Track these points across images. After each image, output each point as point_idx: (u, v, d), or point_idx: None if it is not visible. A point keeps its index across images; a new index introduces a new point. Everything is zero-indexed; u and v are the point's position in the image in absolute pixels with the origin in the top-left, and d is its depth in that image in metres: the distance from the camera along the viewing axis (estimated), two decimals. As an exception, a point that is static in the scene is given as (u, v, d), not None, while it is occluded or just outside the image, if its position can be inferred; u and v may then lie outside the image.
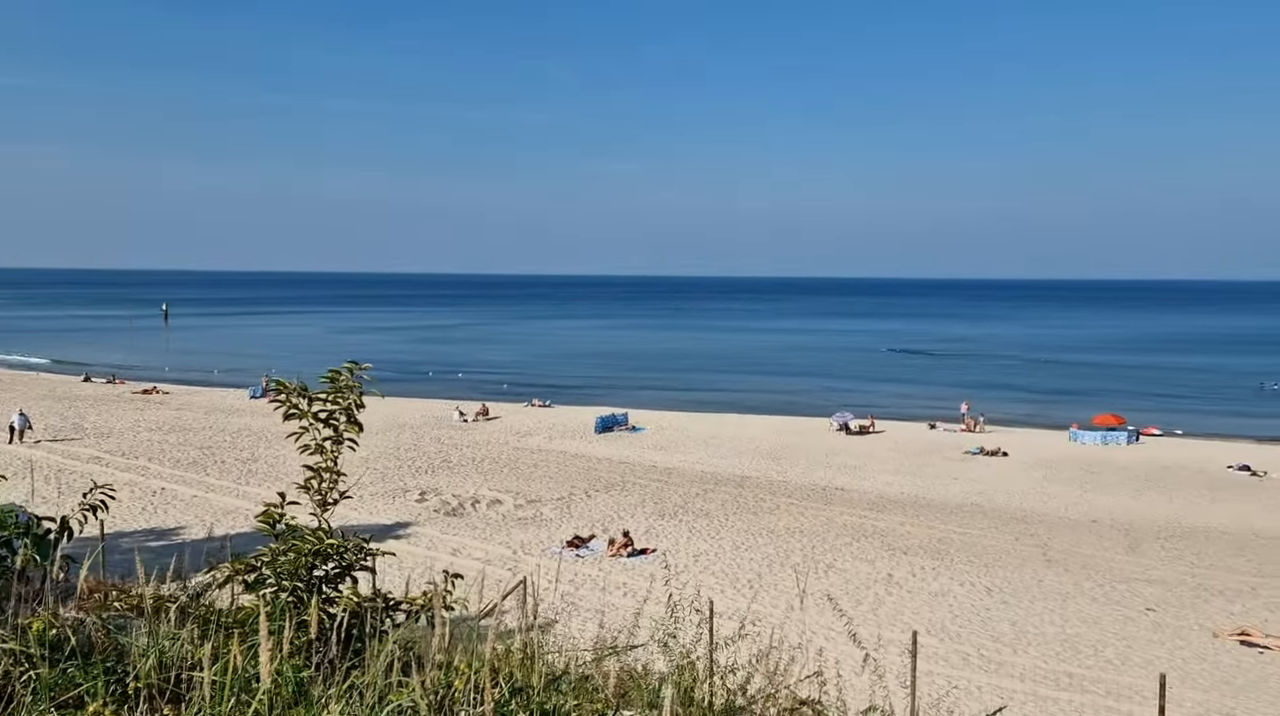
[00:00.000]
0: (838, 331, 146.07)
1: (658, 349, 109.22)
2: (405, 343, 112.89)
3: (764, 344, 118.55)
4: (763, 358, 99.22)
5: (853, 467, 39.25)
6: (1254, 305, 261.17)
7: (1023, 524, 30.04)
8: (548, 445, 43.05)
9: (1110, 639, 19.47)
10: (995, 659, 18.11)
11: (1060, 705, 15.95)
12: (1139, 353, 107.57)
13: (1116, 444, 46.40)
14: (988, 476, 38.02)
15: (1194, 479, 38.21)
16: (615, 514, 29.74)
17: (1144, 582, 23.75)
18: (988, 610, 21.15)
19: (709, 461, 39.95)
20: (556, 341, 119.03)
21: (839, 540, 27.18)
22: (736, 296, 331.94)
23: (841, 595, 21.74)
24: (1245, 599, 22.56)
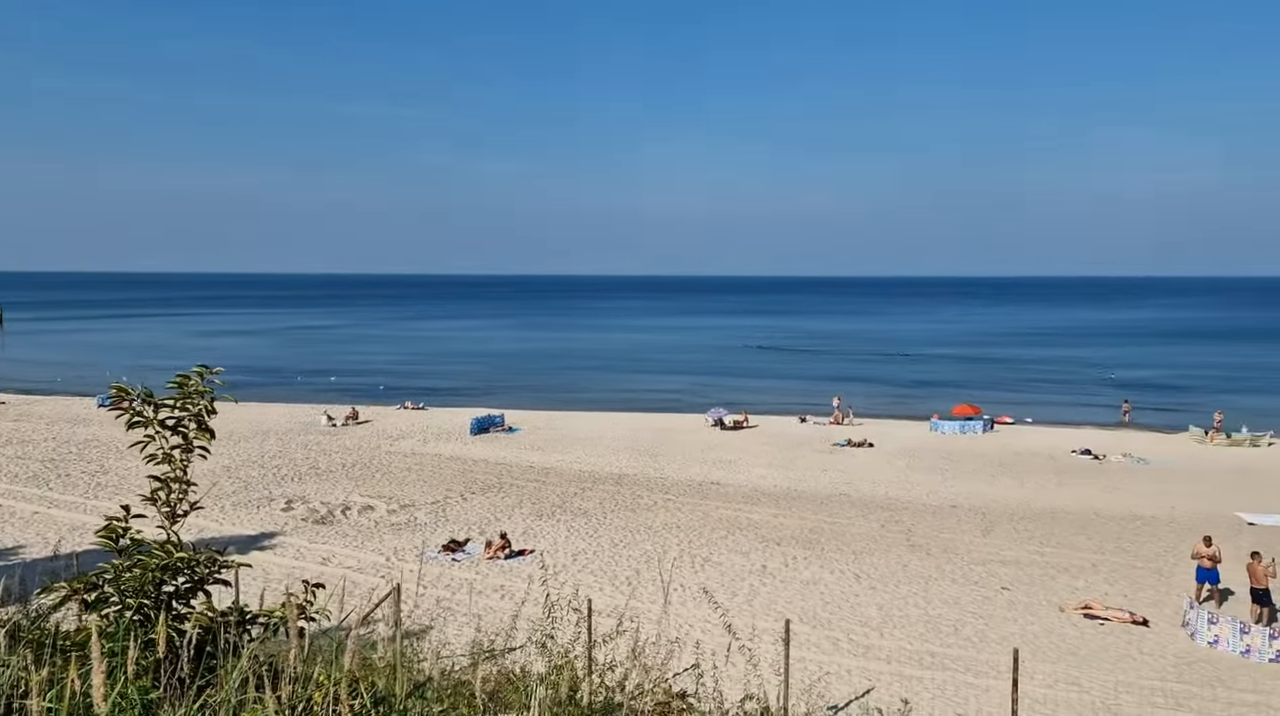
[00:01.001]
0: (712, 328, 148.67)
1: (535, 348, 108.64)
2: (272, 345, 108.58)
3: (640, 342, 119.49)
4: (639, 356, 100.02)
5: (728, 462, 40.00)
6: (1106, 300, 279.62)
7: (888, 511, 31.27)
8: (421, 448, 42.19)
9: (969, 618, 20.49)
10: (864, 642, 18.79)
11: (924, 683, 16.69)
12: (996, 345, 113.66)
13: (973, 433, 48.87)
14: (855, 467, 39.41)
15: (1043, 464, 40.60)
16: (492, 516, 29.41)
17: (999, 563, 25.09)
18: (856, 596, 21.93)
19: (587, 460, 39.98)
20: (434, 342, 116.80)
21: (715, 534, 27.66)
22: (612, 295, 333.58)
23: (718, 587, 22.13)
24: (1088, 574, 24.13)
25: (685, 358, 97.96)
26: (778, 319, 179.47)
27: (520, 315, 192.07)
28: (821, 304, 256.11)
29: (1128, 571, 24.50)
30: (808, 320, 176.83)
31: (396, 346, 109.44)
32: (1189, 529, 28.45)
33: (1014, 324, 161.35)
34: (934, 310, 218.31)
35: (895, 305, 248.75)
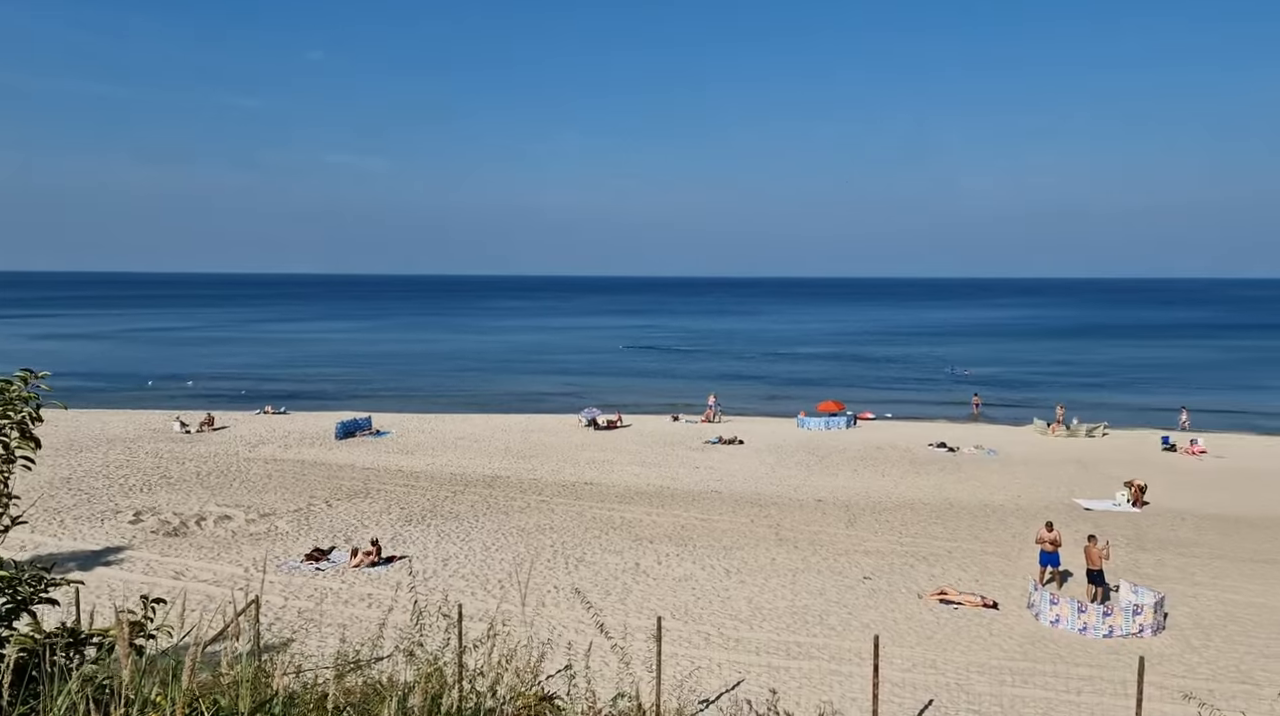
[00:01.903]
0: (589, 329, 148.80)
1: (406, 350, 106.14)
2: (118, 348, 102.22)
3: (515, 343, 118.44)
4: (514, 357, 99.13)
5: (601, 462, 40.08)
6: (950, 301, 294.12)
7: (758, 507, 31.99)
8: (283, 454, 40.56)
9: (834, 607, 21.17)
10: (734, 636, 19.15)
11: (791, 673, 17.14)
12: (859, 344, 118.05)
13: (838, 428, 50.60)
14: (726, 464, 40.16)
15: (901, 457, 42.38)
16: (359, 522, 28.55)
17: (861, 554, 26.03)
18: (727, 590, 22.34)
19: (458, 463, 39.31)
20: (298, 344, 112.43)
21: (588, 534, 27.66)
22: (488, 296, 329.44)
23: (591, 587, 22.13)
24: (943, 562, 25.32)
25: (560, 358, 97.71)
26: (655, 318, 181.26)
27: (391, 316, 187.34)
28: (697, 304, 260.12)
29: (979, 557, 25.84)
30: (684, 319, 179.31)
31: (258, 348, 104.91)
32: (1034, 516, 30.24)
33: (875, 323, 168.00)
34: (802, 310, 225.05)
35: (767, 305, 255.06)
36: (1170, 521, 30.68)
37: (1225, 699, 15.80)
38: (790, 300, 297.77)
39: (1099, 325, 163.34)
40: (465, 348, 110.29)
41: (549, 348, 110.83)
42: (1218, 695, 16.06)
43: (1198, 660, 18.28)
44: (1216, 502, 33.58)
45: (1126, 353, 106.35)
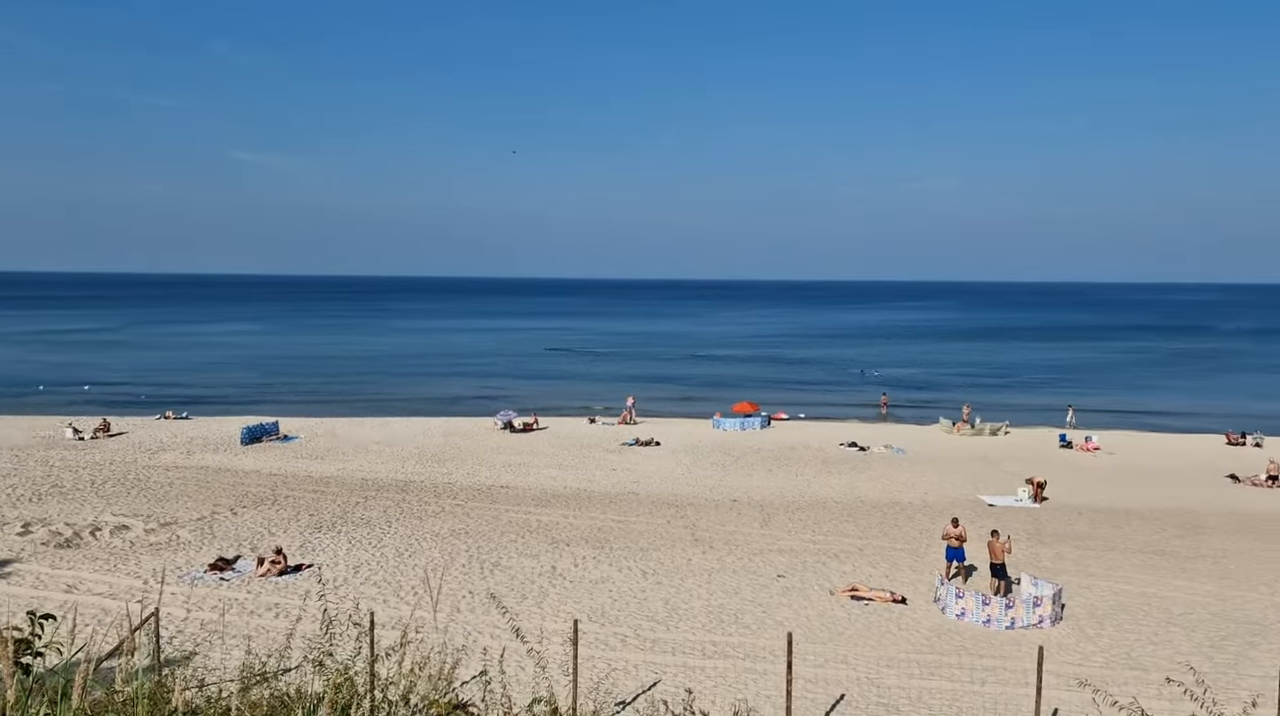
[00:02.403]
0: (505, 331, 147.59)
1: (315, 352, 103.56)
2: (7, 351, 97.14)
3: (429, 345, 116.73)
4: (428, 359, 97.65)
5: (517, 465, 39.78)
6: (862, 303, 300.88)
7: (674, 508, 32.18)
8: (185, 461, 39.12)
9: (749, 606, 21.43)
10: (651, 637, 19.21)
11: (707, 672, 17.28)
12: (772, 346, 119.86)
13: (752, 429, 51.27)
14: (643, 465, 40.29)
15: (814, 456, 43.18)
16: (265, 530, 27.71)
17: (776, 552, 26.42)
18: (644, 592, 22.40)
19: (370, 468, 38.52)
20: (202, 347, 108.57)
21: (504, 538, 27.42)
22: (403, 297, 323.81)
23: (507, 592, 21.93)
24: (854, 558, 25.88)
25: (477, 361, 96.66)
26: (575, 321, 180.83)
27: (300, 317, 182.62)
28: (618, 306, 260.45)
29: (889, 554, 26.49)
30: (604, 322, 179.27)
31: (159, 352, 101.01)
32: (940, 512, 31.14)
33: (791, 326, 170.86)
34: (721, 312, 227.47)
35: (687, 307, 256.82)
36: (1067, 516, 31.96)
37: (1117, 684, 16.53)
38: (709, 302, 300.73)
39: (1002, 327, 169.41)
40: (379, 350, 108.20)
41: (467, 350, 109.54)
42: (1110, 681, 16.79)
43: (1092, 648, 19.09)
44: (1109, 497, 35.13)
45: (1029, 354, 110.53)
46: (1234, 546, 27.89)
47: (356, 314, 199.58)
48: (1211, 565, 25.73)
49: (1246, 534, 29.56)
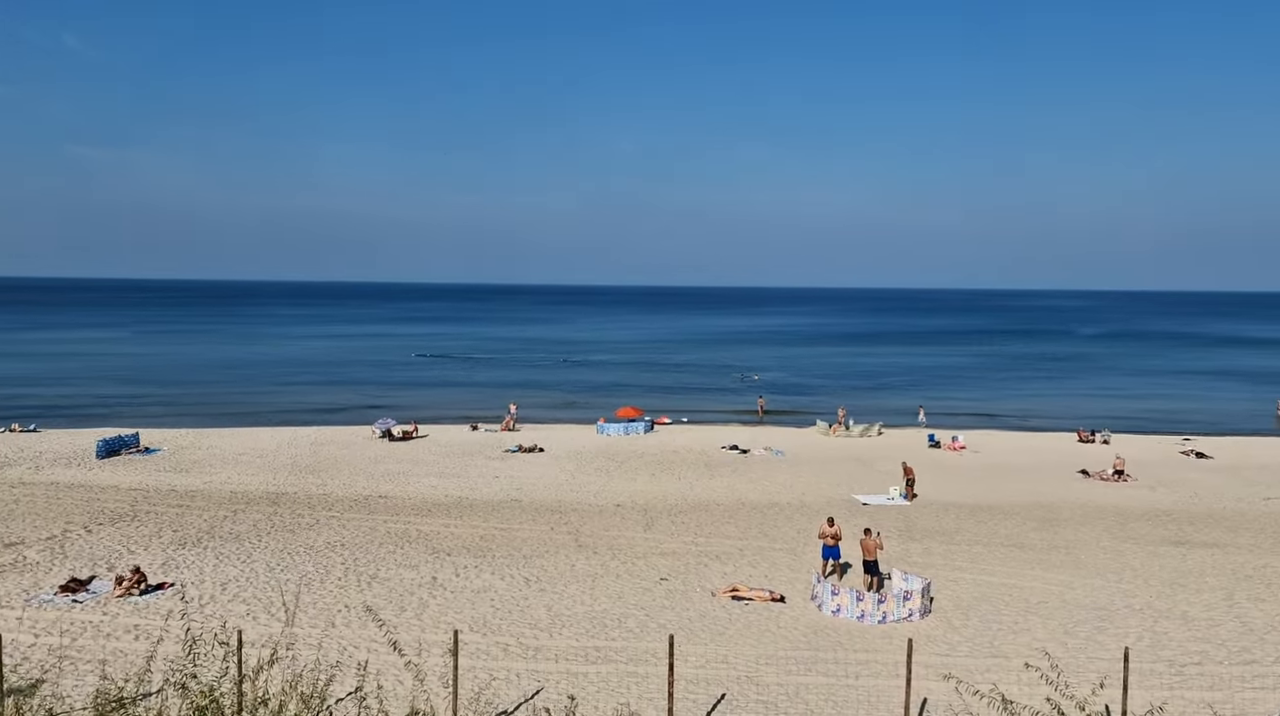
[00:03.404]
0: (380, 337, 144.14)
1: (179, 360, 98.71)
2: None
3: (303, 351, 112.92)
4: (301, 366, 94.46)
5: (397, 474, 38.87)
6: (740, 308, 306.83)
7: (558, 514, 32.03)
8: (34, 476, 36.63)
9: (632, 610, 21.50)
10: (533, 645, 19.04)
11: (590, 678, 17.23)
12: (657, 351, 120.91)
13: (636, 433, 51.59)
14: (526, 472, 39.98)
15: (697, 459, 43.76)
16: (124, 548, 26.19)
17: (659, 555, 26.62)
18: (526, 599, 22.20)
19: (239, 480, 36.92)
20: (53, 355, 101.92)
21: (382, 549, 26.71)
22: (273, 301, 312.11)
23: (385, 604, 21.36)
24: (735, 559, 26.32)
25: (349, 368, 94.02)
26: (448, 326, 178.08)
27: (164, 323, 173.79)
28: (493, 311, 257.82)
29: (769, 554, 27.05)
30: (479, 327, 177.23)
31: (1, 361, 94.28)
32: (817, 512, 31.98)
33: (672, 331, 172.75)
34: (602, 317, 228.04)
35: (566, 312, 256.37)
36: (936, 512, 33.35)
37: (980, 672, 17.32)
38: (590, 307, 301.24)
39: (875, 332, 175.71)
40: (245, 357, 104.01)
41: (338, 357, 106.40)
42: (974, 669, 17.58)
43: (958, 638, 19.95)
44: (974, 494, 36.85)
45: (900, 358, 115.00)
46: (1084, 537, 29.66)
47: (218, 320, 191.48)
48: (1065, 555, 27.29)
49: (1095, 525, 31.48)
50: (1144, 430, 55.98)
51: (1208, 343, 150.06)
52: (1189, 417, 62.74)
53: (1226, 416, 64.07)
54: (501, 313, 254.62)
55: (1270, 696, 15.97)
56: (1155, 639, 19.99)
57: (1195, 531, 30.73)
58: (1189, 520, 32.51)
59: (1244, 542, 29.18)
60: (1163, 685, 17.08)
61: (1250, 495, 37.07)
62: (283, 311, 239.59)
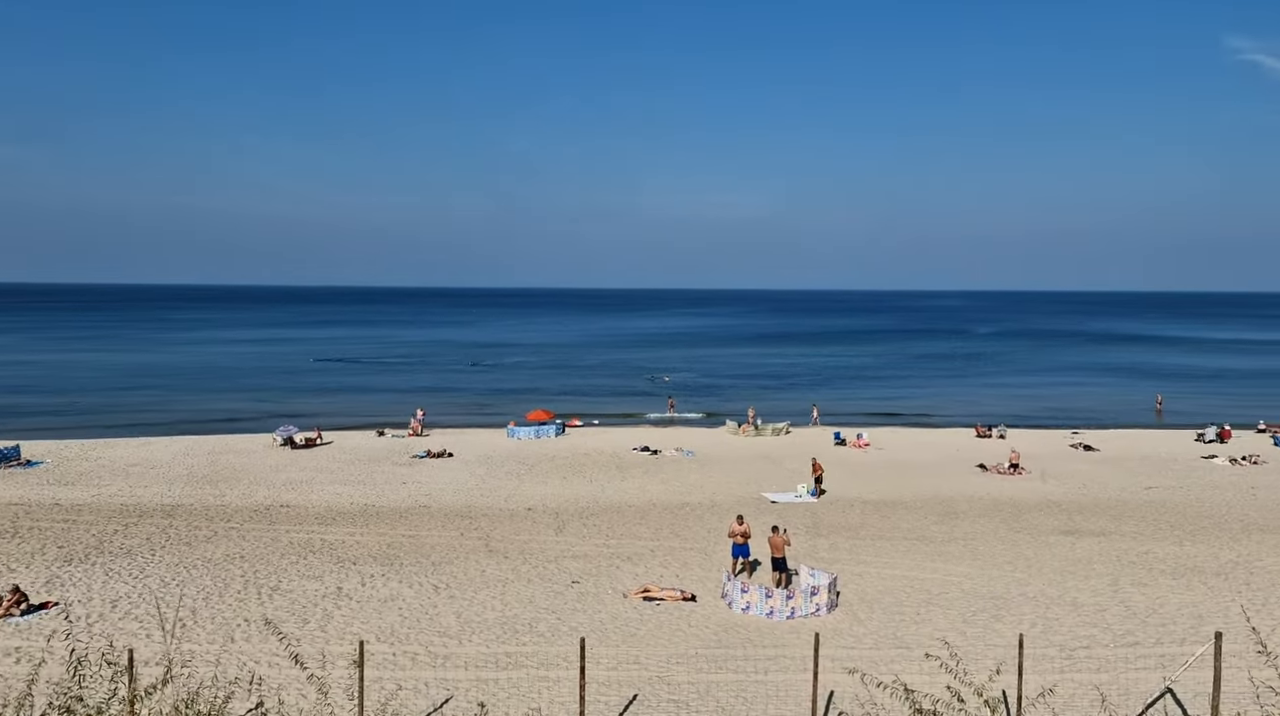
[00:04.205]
0: (272, 341, 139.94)
1: (62, 367, 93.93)
2: None
3: (192, 358, 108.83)
4: (191, 373, 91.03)
5: (299, 482, 37.79)
6: (650, 310, 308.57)
7: (468, 519, 31.63)
8: (-97, 493, 34.35)
9: (543, 614, 21.37)
10: (442, 653, 18.75)
11: (501, 684, 17.05)
12: (567, 353, 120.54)
13: (547, 436, 51.33)
14: (435, 477, 39.36)
15: (608, 461, 43.79)
16: (4, 567, 24.77)
17: (571, 558, 26.53)
18: (435, 607, 21.84)
19: (131, 492, 35.35)
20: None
21: (284, 560, 25.92)
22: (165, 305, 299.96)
23: (287, 617, 20.74)
24: (646, 560, 26.43)
25: (247, 374, 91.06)
26: (348, 329, 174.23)
27: (45, 329, 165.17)
28: (391, 314, 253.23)
29: (680, 554, 27.24)
30: (382, 330, 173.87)
31: None
32: (728, 511, 32.36)
33: (582, 333, 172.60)
34: (510, 319, 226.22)
35: (465, 315, 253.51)
36: (842, 508, 34.12)
37: (884, 663, 17.78)
38: (498, 310, 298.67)
39: (782, 333, 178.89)
40: (137, 364, 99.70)
41: (234, 363, 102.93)
42: (878, 660, 18.04)
43: (863, 631, 20.45)
44: (878, 489, 37.83)
45: (805, 358, 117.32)
46: (982, 529, 30.77)
47: (106, 325, 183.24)
48: (963, 547, 28.26)
49: (992, 517, 32.69)
50: (1037, 424, 58.43)
51: (1091, 340, 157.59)
52: (1077, 412, 65.72)
53: (1111, 410, 67.33)
54: (407, 315, 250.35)
55: (1152, 676, 16.82)
56: (1047, 625, 20.86)
57: (1084, 521, 32.19)
58: (1078, 510, 34.03)
59: (1128, 530, 30.70)
60: (1054, 669, 17.82)
61: (1133, 485, 39.02)
62: (177, 316, 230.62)
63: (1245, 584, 24.31)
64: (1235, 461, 44.31)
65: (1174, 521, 32.10)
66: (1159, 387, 76.19)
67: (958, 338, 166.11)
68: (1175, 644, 19.42)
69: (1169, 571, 25.53)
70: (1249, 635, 13.32)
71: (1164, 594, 23.37)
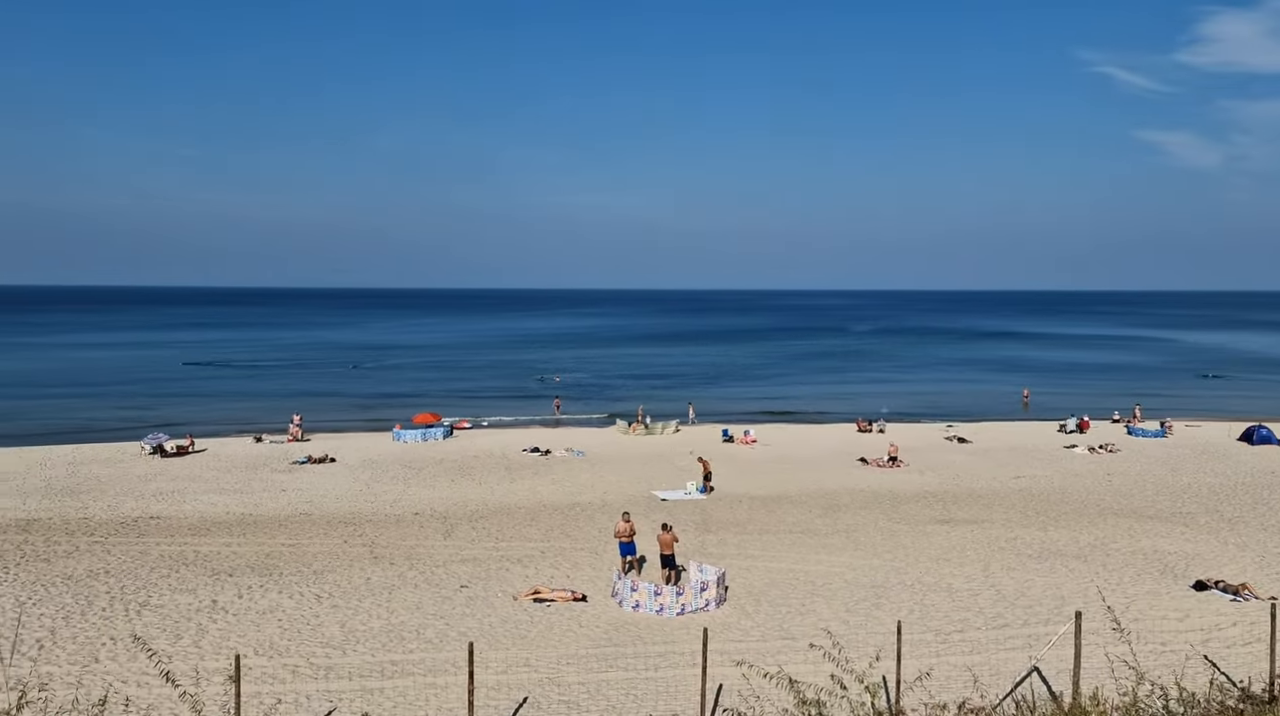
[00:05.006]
0: (136, 345, 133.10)
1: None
2: None
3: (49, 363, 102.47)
4: (49, 378, 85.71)
5: (171, 492, 36.03)
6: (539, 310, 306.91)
7: (352, 526, 30.78)
8: None
9: (431, 620, 20.97)
10: (325, 664, 18.18)
11: (387, 694, 16.64)
12: (453, 354, 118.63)
13: (435, 439, 50.41)
14: (317, 484, 38.16)
15: (497, 463, 43.33)
16: None
17: (459, 562, 26.12)
18: (317, 617, 21.16)
19: (-19, 507, 33.00)
20: None
21: (154, 574, 24.67)
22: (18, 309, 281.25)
23: (158, 633, 19.74)
24: (537, 562, 26.26)
25: (111, 379, 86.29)
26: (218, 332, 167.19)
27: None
28: (274, 315, 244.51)
29: (570, 554, 27.18)
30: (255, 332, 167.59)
31: None
32: (619, 510, 32.33)
33: (468, 334, 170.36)
34: (391, 321, 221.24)
35: (345, 316, 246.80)
36: (730, 504, 34.69)
37: (771, 654, 18.15)
38: (378, 311, 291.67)
39: (669, 333, 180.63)
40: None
41: (99, 368, 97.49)
42: (765, 652, 18.41)
43: (750, 624, 20.84)
44: (764, 485, 38.63)
45: (692, 357, 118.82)
46: (863, 521, 31.79)
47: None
48: (845, 539, 29.14)
49: (873, 509, 33.81)
50: (914, 418, 60.76)
51: (963, 337, 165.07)
52: (951, 406, 68.62)
53: (982, 403, 70.56)
54: (280, 317, 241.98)
55: (1020, 655, 17.69)
56: (924, 611, 21.71)
57: (958, 510, 33.64)
58: (952, 500, 35.55)
59: (998, 518, 32.25)
60: (930, 652, 18.57)
61: (1003, 475, 41.01)
62: (36, 319, 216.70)
63: (1102, 565, 25.87)
64: (1093, 450, 47.11)
65: (1039, 508, 33.89)
66: (1025, 381, 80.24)
67: (837, 335, 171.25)
68: (1041, 624, 20.51)
69: (1035, 555, 26.94)
70: (1105, 613, 14.15)
71: (1030, 577, 24.65)
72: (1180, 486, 38.12)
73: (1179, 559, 26.52)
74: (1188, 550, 27.59)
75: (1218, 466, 42.72)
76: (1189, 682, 10.58)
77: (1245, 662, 16.29)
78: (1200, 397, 74.42)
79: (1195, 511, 33.30)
